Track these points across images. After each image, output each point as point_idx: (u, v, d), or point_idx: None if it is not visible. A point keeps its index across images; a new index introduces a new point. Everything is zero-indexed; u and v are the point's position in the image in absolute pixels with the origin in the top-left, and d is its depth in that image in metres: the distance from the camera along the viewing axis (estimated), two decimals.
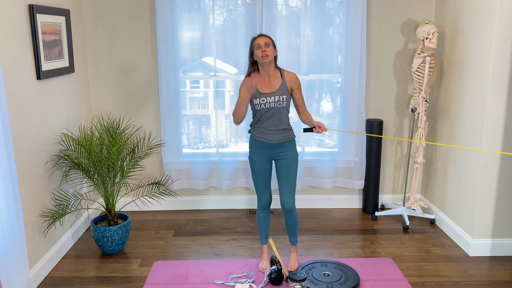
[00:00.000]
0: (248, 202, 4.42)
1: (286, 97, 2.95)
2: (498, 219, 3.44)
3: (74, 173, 3.63)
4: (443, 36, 3.90)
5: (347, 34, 4.00)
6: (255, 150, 3.05)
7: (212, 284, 3.06)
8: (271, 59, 2.90)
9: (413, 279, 3.14)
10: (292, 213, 3.10)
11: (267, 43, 2.88)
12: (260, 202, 3.16)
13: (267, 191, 3.13)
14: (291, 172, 3.04)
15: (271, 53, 2.88)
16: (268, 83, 2.97)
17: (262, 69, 2.96)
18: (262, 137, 3.00)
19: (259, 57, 2.88)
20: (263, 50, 2.86)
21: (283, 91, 2.95)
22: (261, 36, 2.92)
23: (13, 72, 2.82)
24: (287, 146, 3.02)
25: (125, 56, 4.08)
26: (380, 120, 4.13)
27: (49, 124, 3.31)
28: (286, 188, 3.05)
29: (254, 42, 2.91)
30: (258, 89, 2.95)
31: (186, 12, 3.99)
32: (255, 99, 2.94)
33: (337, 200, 4.45)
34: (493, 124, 3.26)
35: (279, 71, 3.01)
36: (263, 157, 3.04)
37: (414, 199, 4.03)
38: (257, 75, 2.93)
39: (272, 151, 3.03)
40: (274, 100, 2.93)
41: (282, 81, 2.97)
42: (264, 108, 2.95)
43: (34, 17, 3.03)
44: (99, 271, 3.28)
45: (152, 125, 4.22)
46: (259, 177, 3.08)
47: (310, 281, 3.00)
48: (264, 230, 3.24)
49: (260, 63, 2.93)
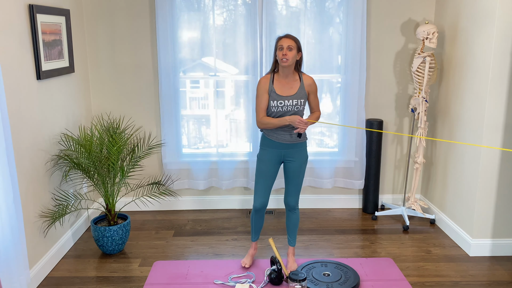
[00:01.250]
0: (248, 202, 4.42)
1: (303, 101, 2.93)
2: (498, 219, 3.44)
3: (74, 173, 3.63)
4: (443, 36, 3.90)
5: (347, 34, 4.00)
6: (266, 149, 3.02)
7: (212, 284, 3.05)
8: (290, 63, 2.85)
9: (413, 279, 3.14)
10: (295, 211, 3.13)
11: (290, 46, 2.82)
12: (255, 203, 3.09)
13: (265, 194, 3.07)
14: (300, 175, 3.04)
15: (291, 57, 2.83)
16: (286, 85, 2.93)
17: (282, 71, 2.92)
18: (275, 136, 2.97)
19: (279, 59, 2.84)
20: (284, 53, 2.81)
21: (301, 95, 2.92)
22: (286, 37, 2.85)
23: (13, 72, 2.82)
24: (298, 148, 3.01)
25: (125, 56, 4.08)
26: (380, 120, 4.13)
27: (49, 124, 3.31)
28: (293, 189, 3.07)
29: (278, 42, 2.86)
30: (276, 91, 2.91)
31: (186, 12, 3.99)
32: (273, 101, 2.90)
33: (337, 200, 4.45)
34: (493, 124, 3.26)
35: (297, 73, 2.97)
36: (273, 157, 3.01)
37: (414, 199, 4.03)
38: (276, 77, 2.93)
39: (283, 152, 3.00)
40: (292, 104, 2.90)
41: (301, 85, 2.93)
42: (281, 111, 2.92)
43: (34, 17, 3.03)
44: (99, 271, 3.28)
45: (152, 125, 4.22)
46: (263, 177, 3.03)
47: (310, 281, 3.00)
48: (256, 230, 3.25)
49: (280, 65, 2.90)
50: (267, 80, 2.94)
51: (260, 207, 3.09)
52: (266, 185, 3.05)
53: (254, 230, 3.25)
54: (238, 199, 4.41)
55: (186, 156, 4.27)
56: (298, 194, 3.09)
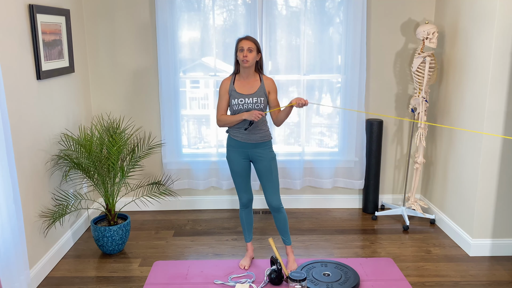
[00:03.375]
0: None
1: (263, 99, 3.02)
2: (498, 219, 3.44)
3: (74, 173, 3.63)
4: (443, 36, 3.90)
5: (347, 34, 4.00)
6: (233, 149, 3.11)
7: (212, 284, 3.05)
8: (250, 64, 2.96)
9: (413, 279, 3.14)
10: (281, 210, 3.15)
11: (250, 48, 2.93)
12: (241, 200, 3.20)
13: (247, 190, 3.18)
14: (272, 172, 3.09)
15: (251, 59, 2.94)
16: (247, 85, 3.03)
17: (243, 71, 3.03)
18: (239, 136, 3.05)
19: (240, 60, 2.95)
20: (245, 55, 2.92)
21: (260, 93, 3.02)
22: (247, 39, 2.95)
23: (13, 72, 2.82)
24: (264, 147, 3.07)
25: (125, 56, 4.08)
26: (380, 120, 4.13)
27: (49, 124, 3.31)
28: (270, 188, 3.10)
29: (239, 44, 2.96)
30: (236, 90, 3.01)
31: (186, 12, 3.99)
32: (234, 99, 3.01)
33: (337, 200, 4.45)
34: (493, 124, 3.26)
35: (258, 74, 3.07)
36: (240, 156, 3.09)
37: (414, 199, 4.03)
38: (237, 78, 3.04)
39: (249, 151, 3.08)
40: (252, 102, 2.99)
41: (261, 84, 3.03)
42: (242, 109, 3.00)
43: (34, 17, 3.03)
44: (99, 271, 3.28)
45: (152, 125, 4.22)
46: (238, 176, 3.13)
47: (310, 281, 3.00)
48: (247, 229, 3.29)
49: (241, 65, 3.00)
50: (228, 81, 3.06)
51: (247, 201, 3.20)
52: (244, 182, 3.16)
53: (247, 228, 3.29)
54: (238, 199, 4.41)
55: (186, 156, 4.27)
56: (277, 192, 3.12)
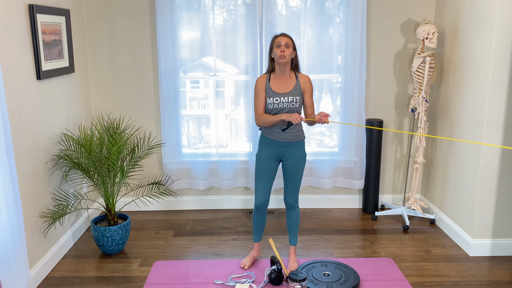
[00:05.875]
0: (248, 202, 4.41)
1: (299, 98, 2.98)
2: (498, 219, 3.44)
3: (74, 173, 3.63)
4: (443, 36, 3.90)
5: (347, 34, 4.00)
6: (264, 147, 3.08)
7: (212, 284, 3.06)
8: (287, 60, 2.92)
9: (413, 279, 3.14)
10: (295, 209, 3.15)
11: (287, 43, 2.90)
12: (256, 201, 3.12)
13: (266, 192, 3.10)
14: (297, 173, 3.07)
15: (288, 54, 2.91)
16: (282, 83, 2.99)
17: (278, 68, 2.98)
18: (272, 134, 3.02)
19: (277, 56, 2.91)
20: (282, 50, 2.88)
21: (296, 92, 2.98)
22: (283, 35, 2.93)
23: (13, 72, 2.82)
24: (296, 146, 3.04)
25: (125, 56, 4.08)
26: (380, 120, 4.13)
27: (49, 124, 3.31)
28: (292, 187, 3.10)
29: (275, 40, 2.93)
30: (272, 89, 2.98)
31: (186, 12, 3.99)
32: (269, 98, 2.97)
33: (337, 200, 4.45)
34: (493, 124, 3.26)
35: (294, 72, 3.04)
36: (271, 155, 3.06)
37: (414, 199, 4.03)
38: (273, 76, 3.01)
39: (281, 150, 3.04)
40: (288, 101, 2.96)
41: (297, 83, 3.00)
42: (277, 108, 2.97)
43: (34, 17, 3.03)
44: (99, 271, 3.28)
45: (152, 125, 4.22)
46: (262, 174, 3.08)
47: (310, 281, 3.00)
48: (257, 230, 3.26)
49: (277, 62, 2.96)
50: (264, 79, 3.02)
51: (261, 204, 3.13)
52: (266, 183, 3.09)
53: (256, 230, 3.26)
54: (238, 199, 4.41)
55: (186, 156, 4.27)
56: (296, 192, 3.11)
